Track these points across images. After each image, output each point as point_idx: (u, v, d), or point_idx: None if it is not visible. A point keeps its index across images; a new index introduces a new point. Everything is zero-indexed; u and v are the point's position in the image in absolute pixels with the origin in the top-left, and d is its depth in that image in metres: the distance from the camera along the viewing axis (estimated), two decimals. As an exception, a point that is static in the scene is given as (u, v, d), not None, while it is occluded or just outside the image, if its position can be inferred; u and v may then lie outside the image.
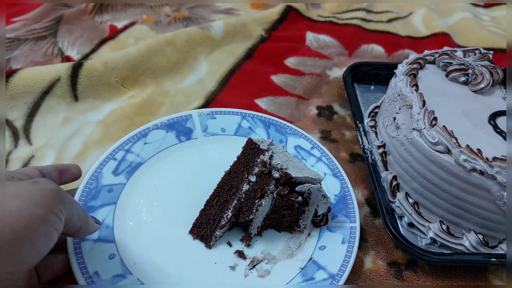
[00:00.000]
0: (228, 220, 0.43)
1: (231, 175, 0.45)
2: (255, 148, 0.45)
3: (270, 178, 0.43)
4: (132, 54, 0.66)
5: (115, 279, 0.39)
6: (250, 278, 0.42)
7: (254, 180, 0.44)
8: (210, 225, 0.44)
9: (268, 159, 0.44)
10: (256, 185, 0.44)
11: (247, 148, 0.46)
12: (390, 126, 0.52)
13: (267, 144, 0.45)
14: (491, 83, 0.53)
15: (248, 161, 0.45)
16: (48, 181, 0.33)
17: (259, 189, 0.43)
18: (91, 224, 0.39)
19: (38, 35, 0.74)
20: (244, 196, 0.43)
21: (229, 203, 0.44)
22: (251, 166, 0.45)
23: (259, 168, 0.44)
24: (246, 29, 0.80)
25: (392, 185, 0.50)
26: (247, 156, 0.46)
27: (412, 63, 0.55)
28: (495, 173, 0.40)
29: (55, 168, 0.41)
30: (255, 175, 0.44)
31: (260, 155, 0.45)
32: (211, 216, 0.44)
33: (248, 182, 0.44)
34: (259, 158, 0.45)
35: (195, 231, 0.44)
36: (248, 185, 0.44)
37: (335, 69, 0.75)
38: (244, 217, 0.43)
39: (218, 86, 0.67)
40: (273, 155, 0.44)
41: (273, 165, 0.43)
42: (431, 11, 0.93)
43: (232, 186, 0.45)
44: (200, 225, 0.44)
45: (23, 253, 0.28)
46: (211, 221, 0.44)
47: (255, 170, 0.44)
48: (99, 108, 0.61)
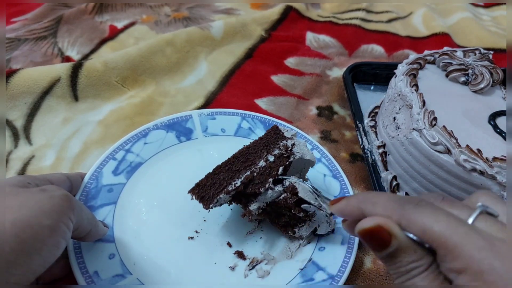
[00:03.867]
0: (235, 188, 0.41)
1: (249, 149, 0.46)
2: (279, 134, 0.47)
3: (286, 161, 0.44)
4: (132, 54, 0.66)
5: (115, 279, 0.39)
6: (250, 278, 0.42)
7: (272, 159, 0.44)
8: (215, 188, 0.42)
9: (290, 146, 0.45)
10: (272, 164, 0.44)
11: (271, 132, 0.47)
12: (390, 126, 0.52)
13: (291, 133, 0.47)
14: (491, 83, 0.53)
15: (270, 142, 0.46)
16: (57, 187, 0.33)
17: (274, 168, 0.43)
18: (100, 227, 0.39)
19: (38, 35, 0.74)
20: (258, 171, 0.43)
21: (240, 173, 0.43)
22: (272, 148, 0.45)
23: (279, 151, 0.45)
24: (246, 29, 0.80)
25: (392, 185, 0.50)
26: (270, 138, 0.47)
27: (412, 63, 0.55)
28: (495, 173, 0.40)
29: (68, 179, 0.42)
30: (274, 156, 0.44)
31: (283, 140, 0.46)
32: (217, 180, 0.43)
33: (265, 160, 0.44)
34: (282, 142, 0.46)
35: (196, 191, 0.42)
36: (265, 163, 0.44)
37: (335, 69, 0.75)
38: (254, 188, 0.42)
39: (218, 86, 0.67)
40: (295, 143, 0.46)
41: (293, 151, 0.45)
42: (431, 11, 0.93)
43: (248, 159, 0.44)
44: (203, 186, 0.42)
45: (30, 263, 0.28)
46: (216, 184, 0.42)
47: (275, 151, 0.45)
48: (99, 108, 0.61)
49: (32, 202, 0.30)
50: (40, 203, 0.30)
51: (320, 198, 0.41)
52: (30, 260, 0.28)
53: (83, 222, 0.35)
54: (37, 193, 0.31)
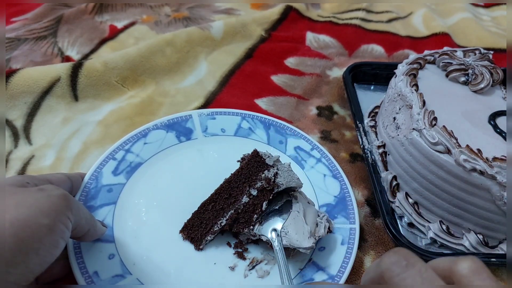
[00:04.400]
0: (221, 227, 0.43)
1: (231, 184, 0.45)
2: (260, 162, 0.45)
3: (270, 194, 0.43)
4: (132, 54, 0.66)
5: (115, 279, 0.39)
6: (250, 278, 0.42)
7: (255, 194, 0.44)
8: (202, 229, 0.44)
9: (272, 176, 0.43)
10: (256, 200, 0.43)
11: (252, 160, 0.45)
12: (390, 126, 0.52)
13: (273, 160, 0.45)
14: (491, 83, 0.53)
15: (251, 173, 0.44)
16: (55, 187, 0.33)
17: (258, 204, 0.43)
18: (98, 227, 0.39)
19: (38, 35, 0.74)
20: (242, 208, 0.43)
21: (225, 211, 0.44)
22: (254, 180, 0.44)
23: (261, 183, 0.44)
24: (246, 29, 0.80)
25: (392, 185, 0.50)
26: (251, 168, 0.45)
27: (412, 63, 0.55)
28: (495, 173, 0.40)
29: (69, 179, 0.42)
30: (257, 189, 0.44)
31: (265, 170, 0.44)
32: (204, 220, 0.44)
33: (248, 195, 0.44)
34: (264, 174, 0.44)
35: (186, 232, 0.44)
36: (248, 198, 0.44)
37: (335, 69, 0.75)
38: (239, 228, 0.43)
39: (218, 86, 0.67)
40: (278, 172, 0.44)
41: (277, 183, 0.43)
42: (431, 11, 0.93)
43: (231, 195, 0.44)
44: (191, 226, 0.44)
45: (28, 262, 0.28)
46: (203, 224, 0.44)
47: (257, 184, 0.44)
48: (99, 108, 0.61)
49: (30, 201, 0.30)
50: (38, 202, 0.30)
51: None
52: (28, 260, 0.28)
53: (81, 221, 0.35)
54: (35, 193, 0.31)
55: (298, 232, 0.41)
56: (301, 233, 0.41)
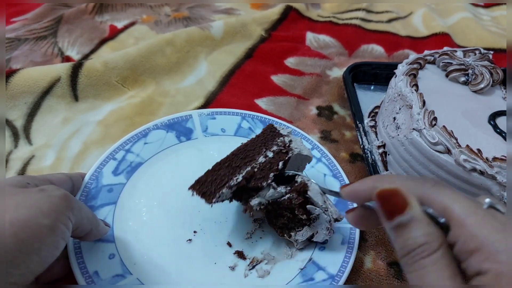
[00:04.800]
0: (237, 183, 0.41)
1: (248, 146, 0.46)
2: (275, 132, 0.47)
3: (285, 156, 0.44)
4: (132, 54, 0.66)
5: (115, 279, 0.39)
6: (250, 278, 0.42)
7: (271, 155, 0.44)
8: (217, 184, 0.42)
9: (288, 142, 0.45)
10: (272, 160, 0.44)
11: (268, 130, 0.47)
12: (390, 126, 0.52)
13: (287, 130, 0.47)
14: (491, 83, 0.53)
15: (267, 139, 0.46)
16: (56, 187, 0.33)
17: (275, 163, 0.43)
18: (101, 227, 0.39)
19: (38, 35, 0.74)
20: (259, 166, 0.43)
21: (241, 168, 0.43)
22: (270, 144, 0.45)
23: (277, 147, 0.45)
24: (246, 29, 0.80)
25: (392, 185, 0.50)
26: (267, 136, 0.47)
27: (412, 63, 0.55)
28: (495, 173, 0.40)
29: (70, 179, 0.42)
30: (273, 152, 0.44)
31: (280, 137, 0.46)
32: (218, 176, 0.42)
33: (265, 156, 0.44)
34: (279, 139, 0.46)
35: (197, 187, 0.42)
36: (265, 158, 0.44)
37: (335, 69, 0.75)
38: (256, 183, 0.42)
39: (218, 86, 0.67)
40: (292, 140, 0.46)
41: (291, 147, 0.45)
42: (431, 11, 0.93)
43: (247, 156, 0.44)
44: (204, 182, 0.42)
45: (28, 262, 0.28)
46: (217, 180, 0.42)
47: (273, 147, 0.45)
48: (99, 108, 0.61)
49: (30, 201, 0.30)
50: (38, 203, 0.30)
51: (328, 201, 0.41)
52: (28, 260, 0.28)
53: (83, 221, 0.35)
54: (35, 193, 0.31)
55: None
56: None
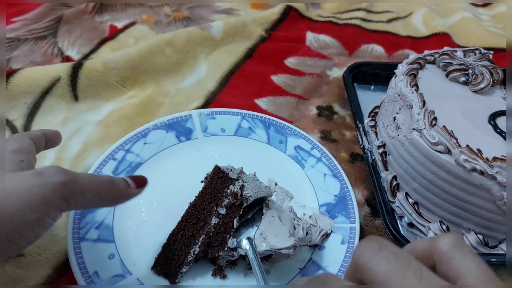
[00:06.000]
0: (195, 256, 0.40)
1: (197, 207, 0.42)
2: (224, 177, 0.43)
3: (239, 210, 0.41)
4: (132, 54, 0.66)
5: (115, 279, 0.39)
6: (250, 278, 0.42)
7: (223, 212, 0.41)
8: (175, 261, 0.40)
9: (239, 190, 0.41)
10: (226, 218, 0.41)
11: (214, 177, 0.43)
12: (390, 126, 0.52)
13: (236, 172, 0.43)
14: (491, 83, 0.53)
15: (217, 191, 0.42)
16: (55, 172, 0.31)
17: (229, 223, 0.41)
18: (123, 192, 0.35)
19: (38, 35, 0.74)
20: (213, 230, 0.41)
21: (196, 238, 0.41)
22: (220, 197, 0.42)
23: (229, 200, 0.41)
24: (246, 29, 0.80)
25: (392, 185, 0.50)
26: (215, 186, 0.43)
27: (412, 63, 0.55)
28: (495, 173, 0.40)
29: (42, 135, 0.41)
30: (225, 207, 0.41)
31: (230, 185, 0.42)
32: (175, 252, 0.41)
33: (217, 215, 0.41)
34: (229, 189, 0.42)
35: (158, 268, 0.40)
36: (218, 218, 0.41)
37: (335, 69, 0.75)
38: (213, 253, 0.40)
39: (218, 86, 0.67)
40: (244, 184, 0.42)
41: (244, 196, 0.41)
42: (431, 11, 0.93)
43: (199, 219, 0.42)
44: (163, 261, 0.40)
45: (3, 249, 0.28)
46: (175, 257, 0.40)
47: (224, 202, 0.41)
48: (99, 108, 0.61)
49: (21, 191, 0.28)
50: (29, 193, 0.29)
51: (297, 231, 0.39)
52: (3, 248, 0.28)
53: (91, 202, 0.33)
54: (29, 179, 0.29)
55: (277, 234, 0.39)
56: (280, 235, 0.39)
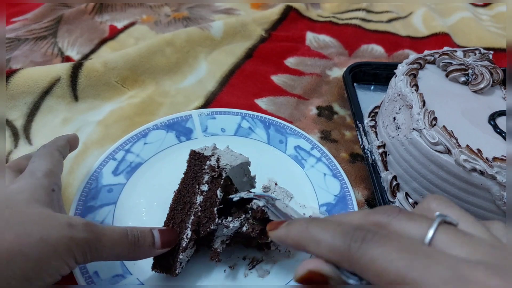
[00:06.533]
0: (189, 240, 0.38)
1: (181, 192, 0.42)
2: (200, 158, 0.43)
3: (220, 180, 0.41)
4: (132, 54, 0.66)
5: (115, 279, 0.39)
6: (250, 278, 0.42)
7: (206, 188, 0.41)
8: (172, 250, 0.39)
9: (215, 163, 0.41)
10: (210, 193, 0.41)
11: (192, 160, 0.43)
12: (390, 126, 0.52)
13: (210, 149, 0.43)
14: (491, 83, 0.53)
15: (196, 172, 0.42)
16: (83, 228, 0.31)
17: (213, 196, 0.40)
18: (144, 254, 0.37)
19: (38, 35, 0.74)
20: (200, 208, 0.40)
21: (185, 222, 0.40)
22: (200, 176, 0.42)
23: (208, 175, 0.41)
24: (246, 29, 0.80)
25: (392, 185, 0.50)
26: (193, 168, 0.43)
27: (412, 63, 0.55)
28: (495, 173, 0.40)
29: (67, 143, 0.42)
30: (207, 183, 0.41)
31: (206, 161, 0.42)
32: None
33: (200, 193, 0.40)
34: (206, 165, 0.42)
35: (157, 266, 0.39)
36: (202, 196, 0.40)
37: (335, 69, 0.75)
38: (205, 229, 0.39)
39: (218, 86, 0.67)
40: (219, 157, 0.42)
41: (221, 166, 0.41)
42: (431, 11, 0.93)
43: (185, 203, 0.41)
44: (161, 256, 0.39)
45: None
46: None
47: (205, 179, 0.41)
48: (99, 108, 0.61)
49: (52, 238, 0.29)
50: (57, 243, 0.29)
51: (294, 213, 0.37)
52: None
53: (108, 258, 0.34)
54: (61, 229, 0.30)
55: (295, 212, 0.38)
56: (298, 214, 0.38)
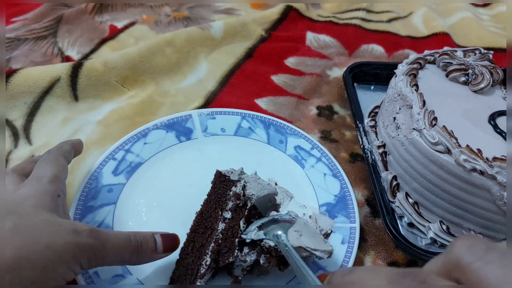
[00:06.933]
0: (208, 267, 0.37)
1: (204, 215, 0.41)
2: (226, 181, 0.42)
3: (244, 210, 0.39)
4: (132, 54, 0.66)
5: (115, 279, 0.39)
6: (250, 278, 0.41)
7: (229, 216, 0.39)
8: (189, 275, 0.38)
9: (241, 190, 0.40)
10: (232, 222, 0.39)
11: (217, 181, 0.43)
12: (390, 126, 0.52)
13: (237, 173, 0.42)
14: (491, 83, 0.53)
15: (220, 196, 0.41)
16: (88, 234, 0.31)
17: (236, 226, 0.39)
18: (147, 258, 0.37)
19: (38, 35, 0.74)
20: (221, 236, 0.39)
21: (205, 248, 0.39)
22: (224, 201, 0.41)
23: (233, 202, 0.40)
24: (246, 29, 0.80)
25: (392, 185, 0.50)
26: (218, 191, 0.42)
27: (412, 63, 0.55)
28: (495, 173, 0.40)
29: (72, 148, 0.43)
30: (230, 211, 0.40)
31: (232, 187, 0.41)
32: (188, 266, 0.39)
33: (223, 220, 0.39)
34: (231, 191, 0.41)
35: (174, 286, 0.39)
36: (224, 223, 0.39)
37: (335, 69, 0.75)
38: (224, 260, 0.38)
39: (218, 86, 0.67)
40: (246, 184, 0.41)
41: (247, 196, 0.40)
42: (431, 11, 0.93)
43: (207, 227, 0.40)
44: (178, 278, 0.39)
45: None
46: (189, 271, 0.38)
47: (229, 205, 0.40)
48: (99, 108, 0.61)
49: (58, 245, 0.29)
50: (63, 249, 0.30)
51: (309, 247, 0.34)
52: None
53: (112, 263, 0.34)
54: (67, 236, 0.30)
55: (313, 236, 0.36)
56: (316, 237, 0.36)
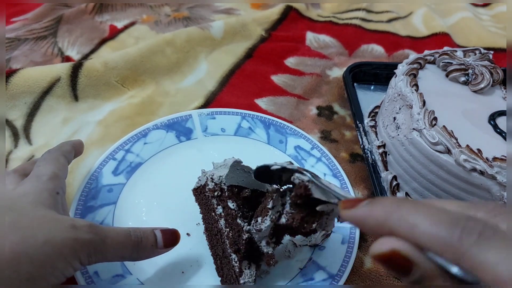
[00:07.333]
0: (238, 262, 0.38)
1: (207, 229, 0.43)
2: (200, 190, 0.44)
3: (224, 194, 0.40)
4: (132, 54, 0.66)
5: (115, 279, 0.39)
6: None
7: (221, 210, 0.41)
8: (233, 281, 0.39)
9: (211, 184, 0.41)
10: (225, 211, 0.40)
11: (197, 197, 0.45)
12: (390, 126, 0.52)
13: (203, 176, 0.43)
14: (491, 83, 0.53)
15: (206, 204, 0.43)
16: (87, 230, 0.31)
17: (228, 209, 0.40)
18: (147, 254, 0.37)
19: (38, 35, 0.74)
20: (229, 230, 0.39)
21: (226, 250, 0.39)
22: (210, 204, 0.42)
23: (214, 198, 0.41)
24: (246, 29, 0.80)
25: (392, 185, 0.50)
26: (202, 202, 0.44)
27: (412, 63, 0.55)
28: (495, 173, 0.40)
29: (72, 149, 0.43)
30: (218, 206, 0.41)
31: (206, 187, 0.42)
32: (228, 277, 0.39)
33: (219, 217, 0.41)
34: (207, 192, 0.42)
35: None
36: (222, 218, 0.40)
37: (335, 69, 0.75)
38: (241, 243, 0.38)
39: (218, 86, 0.67)
40: (211, 177, 0.42)
41: (217, 183, 0.41)
42: (431, 11, 0.93)
43: (215, 234, 0.41)
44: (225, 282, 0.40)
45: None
46: (231, 278, 0.39)
47: (214, 203, 0.41)
48: (99, 108, 0.61)
49: (57, 240, 0.29)
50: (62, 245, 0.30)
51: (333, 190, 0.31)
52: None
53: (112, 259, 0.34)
54: (65, 231, 0.30)
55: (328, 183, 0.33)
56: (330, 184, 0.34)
